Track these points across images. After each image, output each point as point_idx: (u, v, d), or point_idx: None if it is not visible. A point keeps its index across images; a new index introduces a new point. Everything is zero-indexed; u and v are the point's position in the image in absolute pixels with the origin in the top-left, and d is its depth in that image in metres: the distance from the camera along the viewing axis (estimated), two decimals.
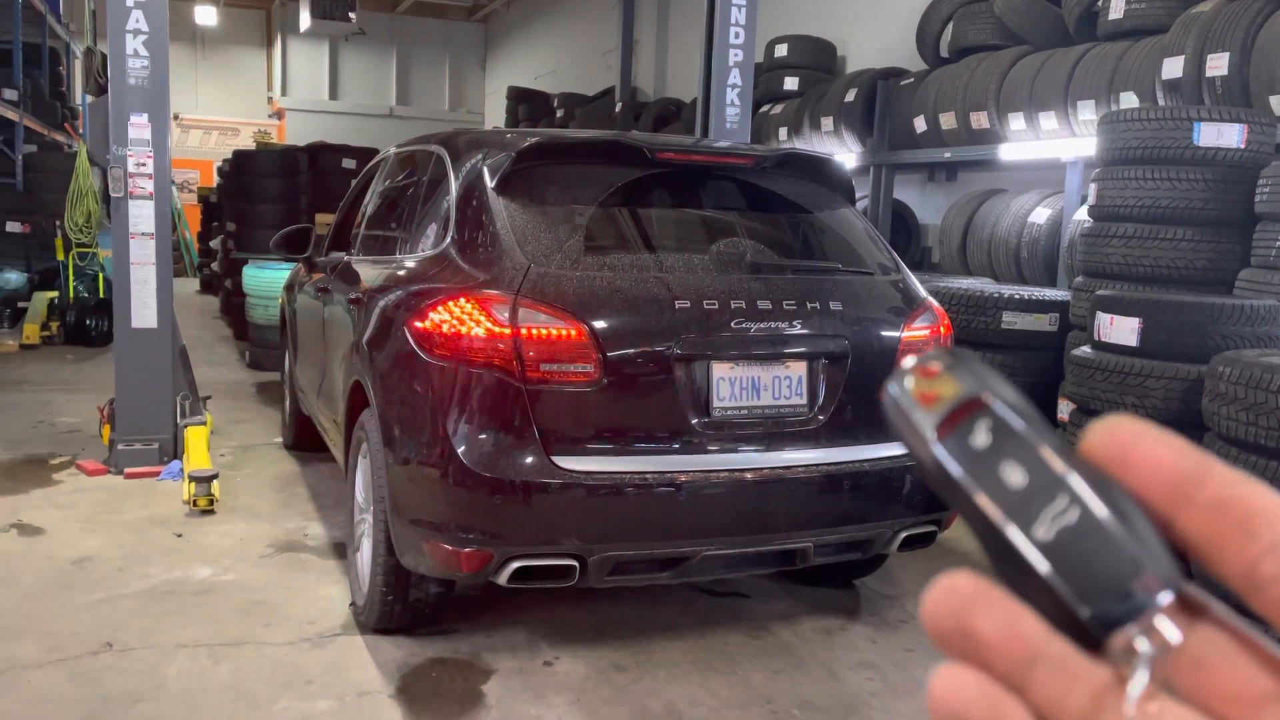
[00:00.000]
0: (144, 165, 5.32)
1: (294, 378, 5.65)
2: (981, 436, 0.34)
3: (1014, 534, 0.32)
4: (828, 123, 8.12)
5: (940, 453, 0.34)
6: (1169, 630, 0.31)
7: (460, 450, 2.87)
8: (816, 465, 3.05)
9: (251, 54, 19.75)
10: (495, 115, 18.87)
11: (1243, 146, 4.46)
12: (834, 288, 3.19)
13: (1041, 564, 0.32)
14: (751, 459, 2.98)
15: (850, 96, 7.90)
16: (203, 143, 19.50)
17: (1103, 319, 4.09)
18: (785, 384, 3.05)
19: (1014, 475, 0.33)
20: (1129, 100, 5.66)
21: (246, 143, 17.92)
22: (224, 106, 19.30)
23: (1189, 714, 0.31)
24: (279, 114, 19.60)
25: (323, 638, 3.49)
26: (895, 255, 3.51)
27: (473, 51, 20.17)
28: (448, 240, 3.29)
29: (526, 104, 15.00)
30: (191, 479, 4.80)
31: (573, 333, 2.86)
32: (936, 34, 7.45)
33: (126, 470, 5.37)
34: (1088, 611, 0.31)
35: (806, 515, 3.06)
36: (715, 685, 3.24)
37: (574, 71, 15.54)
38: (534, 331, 2.85)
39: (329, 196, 11.83)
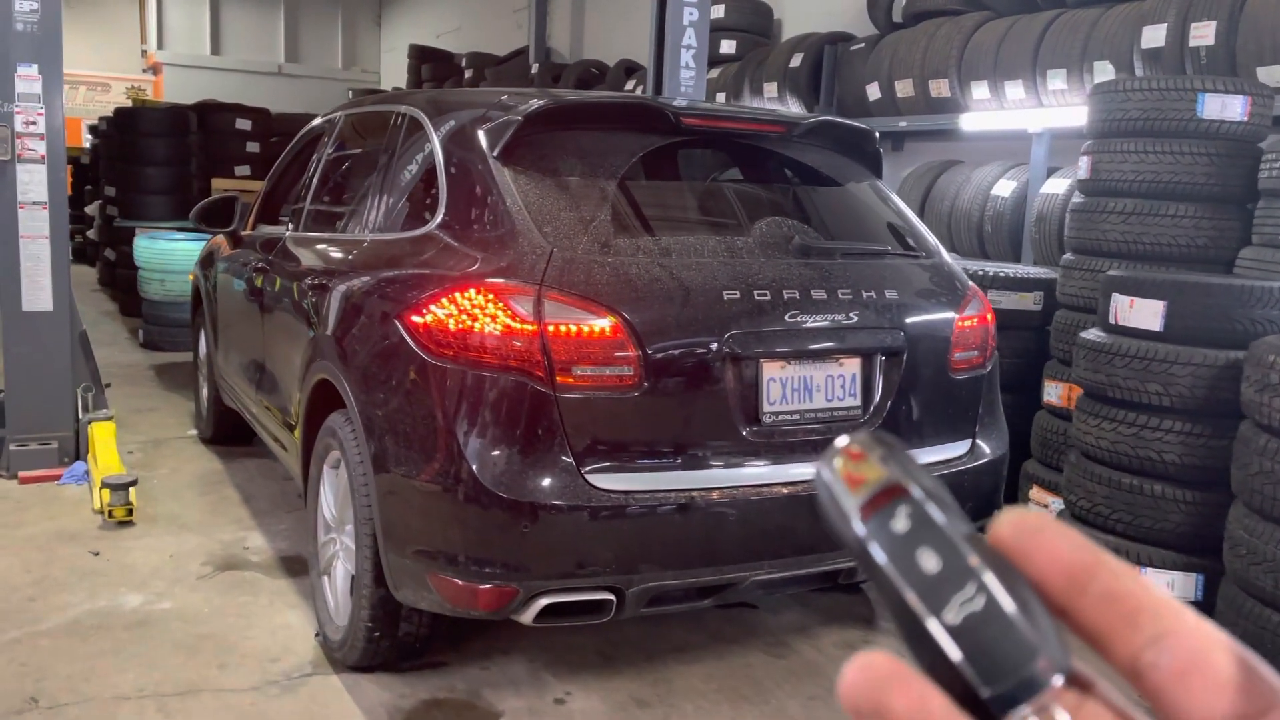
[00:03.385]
0: (34, 124, 4.62)
1: (214, 365, 5.04)
2: (901, 522, 0.36)
3: (926, 617, 0.34)
4: (771, 89, 7.78)
5: (863, 533, 0.36)
6: (1059, 712, 0.34)
7: (475, 468, 2.43)
8: None
9: (123, 3, 18.29)
10: (392, 75, 17.95)
11: (1246, 119, 4.29)
12: (886, 273, 2.85)
13: (950, 647, 0.34)
14: (805, 471, 2.63)
15: (796, 61, 7.57)
16: (69, 99, 17.99)
17: (1120, 301, 3.87)
18: (839, 383, 2.70)
19: (929, 561, 0.35)
20: (1104, 70, 5.48)
21: (119, 99, 16.58)
22: (92, 60, 17.81)
23: None
24: (155, 69, 18.21)
25: (291, 679, 3.01)
26: (932, 235, 3.19)
27: (367, 7, 19.10)
28: (437, 218, 2.82)
29: (430, 63, 14.22)
30: (105, 485, 4.19)
31: (609, 330, 2.44)
32: None
33: (21, 474, 4.71)
34: (989, 692, 0.33)
35: None
36: (750, 717, 2.90)
37: (480, 30, 14.82)
38: (564, 328, 2.43)
39: (222, 160, 10.99)
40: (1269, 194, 4.22)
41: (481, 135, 2.80)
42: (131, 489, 4.22)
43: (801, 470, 2.63)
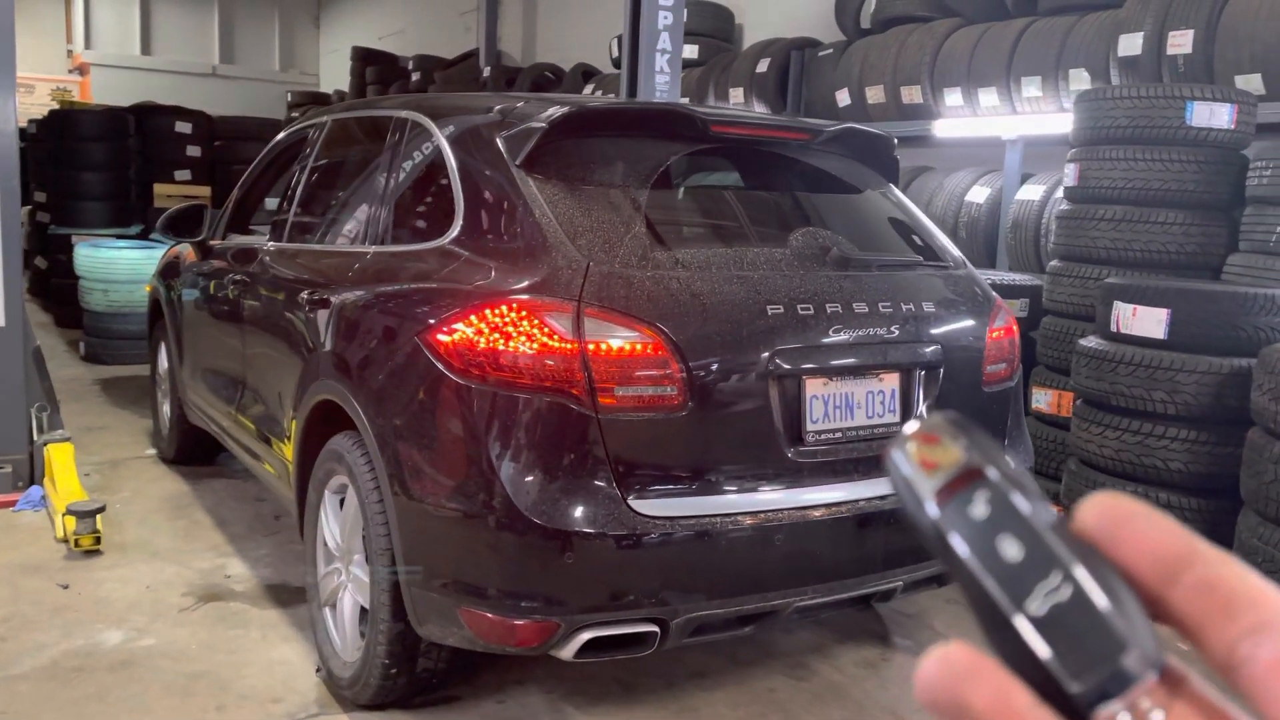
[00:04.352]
0: None
1: (179, 382, 4.79)
2: (980, 507, 0.35)
3: (1008, 608, 0.33)
4: (736, 94, 7.72)
5: (940, 520, 0.35)
6: (1153, 708, 0.33)
7: (514, 496, 2.29)
8: None
9: (48, 1, 17.61)
10: (332, 78, 17.55)
11: (1233, 127, 4.33)
12: (921, 285, 2.77)
13: (1035, 639, 0.33)
14: (849, 491, 2.54)
15: (762, 67, 7.52)
16: None
17: (1123, 309, 3.86)
18: (878, 400, 2.62)
19: (1010, 549, 0.34)
20: (1079, 78, 5.51)
21: (44, 101, 15.95)
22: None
23: None
24: (82, 69, 17.56)
25: None
26: (953, 245, 3.12)
27: (305, 8, 18.65)
28: (454, 230, 2.67)
29: (375, 66, 13.92)
30: (70, 513, 3.94)
31: (653, 347, 2.32)
32: (858, 3, 7.15)
33: None
34: (1077, 687, 0.32)
35: (901, 550, 2.65)
36: None
37: (426, 32, 14.55)
38: (605, 347, 2.30)
39: (161, 164, 10.61)
40: (1257, 201, 4.27)
41: (501, 143, 2.66)
42: (98, 516, 3.98)
43: (845, 492, 2.54)
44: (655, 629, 2.37)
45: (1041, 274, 5.40)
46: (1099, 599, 0.33)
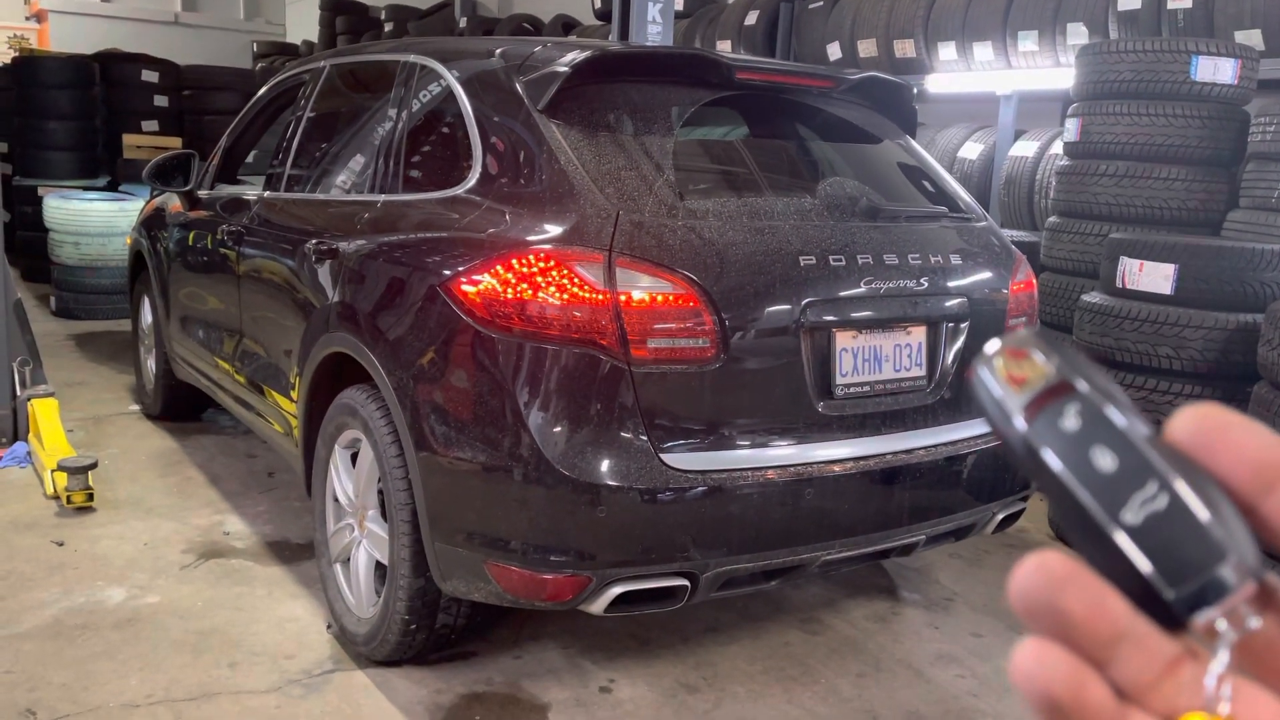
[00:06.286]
0: None
1: (165, 336, 4.68)
2: (1071, 420, 0.34)
3: (1104, 518, 0.33)
4: (724, 47, 7.60)
5: (1029, 434, 0.35)
6: (1249, 615, 0.33)
7: (544, 447, 2.25)
8: (937, 446, 2.62)
9: None
10: (299, 28, 17.11)
11: (1235, 83, 4.32)
12: (948, 237, 2.74)
13: (1131, 548, 0.32)
14: (876, 445, 2.51)
15: (751, 19, 7.41)
16: None
17: (1129, 264, 3.86)
18: (905, 353, 2.59)
19: (1104, 460, 0.33)
20: (1077, 32, 5.47)
21: (0, 50, 15.44)
22: None
23: (1259, 692, 0.33)
24: (40, 17, 17.00)
25: (312, 677, 2.79)
26: (970, 196, 3.09)
27: None
28: (471, 179, 2.60)
29: (345, 15, 13.59)
30: (61, 469, 3.85)
31: (686, 298, 2.27)
32: None
33: None
34: (1173, 594, 0.32)
35: (925, 504, 2.64)
36: (805, 699, 2.81)
37: None
38: (638, 298, 2.25)
39: (127, 114, 10.33)
40: (1258, 157, 4.27)
41: (521, 88, 2.58)
42: (90, 472, 3.88)
43: (872, 446, 2.51)
44: (685, 583, 2.35)
45: (1035, 231, 5.40)
46: (1197, 507, 0.32)
